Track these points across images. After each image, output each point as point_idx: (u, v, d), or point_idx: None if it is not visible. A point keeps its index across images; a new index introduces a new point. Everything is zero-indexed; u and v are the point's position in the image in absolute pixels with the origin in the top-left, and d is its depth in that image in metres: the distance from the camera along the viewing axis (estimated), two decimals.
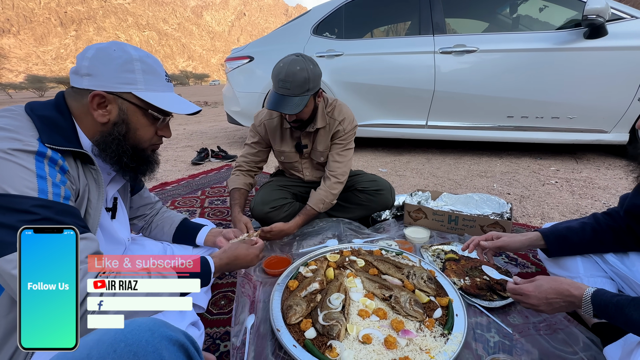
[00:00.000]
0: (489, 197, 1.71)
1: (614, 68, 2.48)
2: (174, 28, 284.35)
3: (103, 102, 0.70)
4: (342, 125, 1.57)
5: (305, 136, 1.59)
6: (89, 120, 0.72)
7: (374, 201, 1.66)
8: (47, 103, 0.71)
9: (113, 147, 0.73)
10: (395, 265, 1.23)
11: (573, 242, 0.99)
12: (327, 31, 3.32)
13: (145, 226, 1.13)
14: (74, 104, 0.71)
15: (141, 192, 1.10)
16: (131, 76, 0.71)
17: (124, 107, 0.72)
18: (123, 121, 0.73)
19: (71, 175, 0.66)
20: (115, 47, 0.71)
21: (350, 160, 1.61)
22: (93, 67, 0.69)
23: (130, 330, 0.39)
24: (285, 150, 1.63)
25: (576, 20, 2.57)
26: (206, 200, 2.20)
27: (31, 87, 33.54)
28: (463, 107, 2.92)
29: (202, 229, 1.14)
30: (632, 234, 0.91)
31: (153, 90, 0.75)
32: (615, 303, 0.67)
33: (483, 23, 3.31)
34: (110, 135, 0.73)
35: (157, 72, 0.76)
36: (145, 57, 0.74)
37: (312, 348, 0.86)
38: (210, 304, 1.14)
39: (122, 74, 0.70)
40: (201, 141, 4.57)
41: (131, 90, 0.72)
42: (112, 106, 0.71)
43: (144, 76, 0.73)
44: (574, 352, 0.88)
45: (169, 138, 0.85)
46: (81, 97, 0.70)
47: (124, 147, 0.75)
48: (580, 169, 2.68)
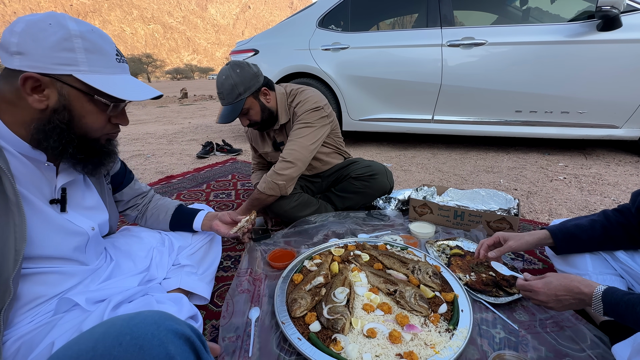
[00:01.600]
0: (495, 192, 1.69)
1: (627, 61, 2.41)
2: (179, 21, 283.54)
3: (38, 85, 0.60)
4: (296, 109, 1.53)
5: (277, 134, 1.65)
6: (23, 106, 0.62)
7: (370, 187, 1.65)
8: None
9: (54, 136, 0.64)
10: (400, 260, 1.22)
11: (582, 240, 0.97)
12: (333, 24, 3.27)
13: (140, 215, 1.12)
14: (6, 87, 0.61)
15: (131, 184, 1.08)
16: (70, 55, 0.61)
17: (64, 91, 0.63)
18: (64, 107, 0.63)
19: None
20: (50, 20, 0.61)
21: (304, 139, 1.46)
22: (23, 43, 0.58)
23: (136, 324, 0.39)
24: (267, 151, 1.71)
25: (589, 12, 2.50)
26: (211, 193, 2.21)
27: None
28: (470, 101, 2.88)
29: (198, 214, 1.13)
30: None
31: (98, 72, 0.65)
32: (627, 301, 0.66)
33: (492, 15, 3.24)
34: (50, 123, 0.63)
35: (103, 51, 0.65)
36: (88, 32, 0.63)
37: (317, 341, 0.86)
38: (215, 296, 1.15)
39: (59, 52, 0.60)
40: (206, 135, 4.58)
41: (71, 73, 0.62)
42: (50, 90, 0.62)
43: (87, 55, 0.63)
44: (581, 349, 0.87)
45: (125, 126, 0.75)
46: (11, 79, 0.60)
47: (68, 137, 0.66)
48: (590, 164, 2.63)
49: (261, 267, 1.26)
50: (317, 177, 1.78)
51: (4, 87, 0.62)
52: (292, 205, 1.58)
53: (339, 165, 1.76)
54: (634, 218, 0.91)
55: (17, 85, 0.60)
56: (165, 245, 1.08)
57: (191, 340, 0.42)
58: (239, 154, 3.38)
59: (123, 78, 0.69)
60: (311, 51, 3.20)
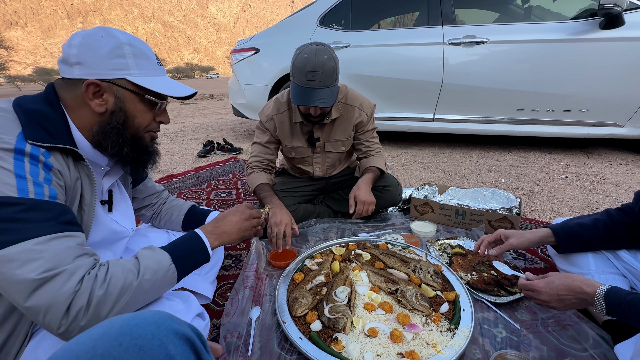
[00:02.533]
0: (497, 191, 1.68)
1: (630, 60, 2.39)
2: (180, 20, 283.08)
3: (98, 90, 0.67)
4: (364, 111, 1.55)
5: (318, 129, 1.52)
6: (85, 112, 0.69)
7: (381, 197, 1.63)
8: (36, 96, 0.68)
9: (113, 137, 0.71)
10: (402, 259, 1.22)
11: (585, 239, 0.97)
12: (334, 22, 3.26)
13: (155, 215, 1.13)
14: (67, 95, 0.68)
15: (145, 182, 1.09)
16: (122, 61, 0.68)
17: (120, 94, 0.70)
18: (120, 109, 0.70)
19: (58, 171, 0.63)
20: (102, 32, 0.69)
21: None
22: (82, 54, 0.66)
23: (136, 324, 0.39)
24: (297, 145, 1.56)
25: (592, 10, 2.49)
26: (212, 192, 2.21)
27: (39, 79, 33.82)
28: (472, 100, 2.87)
29: (210, 214, 1.12)
30: None
31: (146, 75, 0.72)
32: (630, 301, 0.66)
33: (493, 14, 3.23)
34: (109, 124, 0.70)
35: (147, 56, 0.73)
36: (133, 40, 0.71)
37: (318, 340, 0.86)
38: (217, 295, 1.15)
39: (113, 59, 0.67)
40: (207, 134, 4.58)
41: (125, 76, 0.69)
42: (108, 94, 0.69)
43: (135, 60, 0.70)
44: (583, 349, 0.87)
45: (167, 124, 0.82)
46: (73, 87, 0.68)
47: (124, 137, 0.72)
48: (592, 163, 2.62)
49: (262, 267, 1.26)
50: (321, 179, 1.73)
51: (66, 96, 0.68)
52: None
53: (350, 169, 1.75)
54: (637, 218, 0.91)
55: (77, 93, 0.67)
56: None
57: (191, 340, 0.42)
58: (239, 153, 3.38)
59: (164, 79, 0.76)
60: None
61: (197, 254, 0.77)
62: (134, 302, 0.63)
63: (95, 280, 0.58)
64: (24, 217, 0.54)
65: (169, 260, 0.69)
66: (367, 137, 1.61)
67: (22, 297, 0.52)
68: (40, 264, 0.53)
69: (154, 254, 0.69)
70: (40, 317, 0.53)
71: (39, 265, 0.53)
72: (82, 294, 0.56)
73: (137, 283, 0.62)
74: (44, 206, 0.57)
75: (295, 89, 1.30)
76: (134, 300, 0.63)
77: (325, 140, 1.57)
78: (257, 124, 1.59)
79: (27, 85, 39.32)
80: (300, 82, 1.27)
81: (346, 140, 1.59)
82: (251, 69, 3.55)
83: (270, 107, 1.54)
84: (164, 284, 0.68)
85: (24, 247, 0.52)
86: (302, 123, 1.51)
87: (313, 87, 1.26)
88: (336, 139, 1.57)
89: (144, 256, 0.67)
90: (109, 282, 0.59)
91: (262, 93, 3.43)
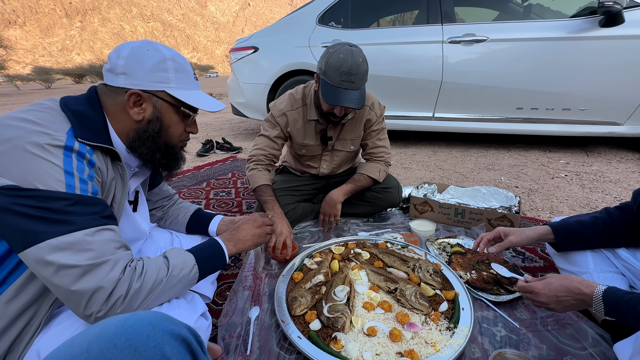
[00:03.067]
0: (496, 190, 1.68)
1: (629, 58, 2.39)
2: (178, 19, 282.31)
3: (139, 100, 0.72)
4: (374, 111, 1.55)
5: (331, 127, 1.51)
6: (123, 118, 0.73)
7: (381, 199, 1.63)
8: (79, 98, 0.72)
9: (148, 144, 0.76)
10: (401, 258, 1.22)
11: (584, 236, 0.97)
12: (333, 20, 3.25)
13: (162, 216, 1.15)
14: (108, 101, 0.73)
15: (160, 185, 1.12)
16: (165, 75, 0.73)
17: (158, 105, 0.75)
18: (157, 119, 0.75)
19: (99, 169, 0.68)
20: (148, 46, 0.73)
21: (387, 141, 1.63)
22: (129, 66, 0.70)
23: (132, 325, 0.39)
24: (309, 143, 1.54)
25: (591, 8, 2.48)
26: (211, 192, 2.20)
27: (38, 78, 33.68)
28: (471, 98, 2.86)
29: (214, 218, 1.13)
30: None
31: (184, 88, 0.77)
32: (627, 301, 0.66)
33: (493, 12, 3.22)
34: (146, 132, 0.75)
35: (187, 71, 0.78)
36: (176, 56, 0.76)
37: (317, 340, 0.86)
38: (215, 295, 1.15)
39: (157, 73, 0.72)
40: (206, 133, 4.57)
41: (165, 89, 0.74)
42: (147, 104, 0.74)
43: (176, 75, 0.75)
44: (582, 347, 0.87)
45: (196, 134, 0.88)
46: (116, 94, 0.72)
47: (157, 144, 0.78)
48: (591, 162, 2.62)
49: (261, 266, 1.26)
50: (322, 178, 1.72)
51: (108, 102, 0.73)
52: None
53: (352, 169, 1.73)
54: (635, 216, 0.90)
55: (119, 100, 0.72)
56: (174, 246, 1.09)
57: (188, 341, 0.42)
58: (239, 152, 3.37)
59: (199, 93, 0.82)
60: (311, 48, 3.19)
61: (216, 259, 0.83)
62: (162, 296, 0.68)
63: (134, 272, 0.64)
64: (72, 211, 0.59)
65: (193, 261, 0.75)
66: (374, 137, 1.59)
67: (71, 280, 0.56)
68: (89, 252, 0.58)
69: (181, 254, 0.74)
70: (84, 301, 0.58)
71: (89, 253, 0.58)
72: (123, 283, 0.61)
73: (167, 279, 0.68)
74: (88, 201, 0.62)
75: (327, 88, 1.28)
76: (162, 294, 0.68)
77: (336, 139, 1.57)
78: (267, 117, 1.56)
79: (26, 85, 39.21)
80: (333, 81, 1.25)
81: (356, 140, 1.59)
82: (250, 68, 3.54)
83: (284, 102, 1.52)
84: (187, 283, 0.73)
85: (76, 237, 0.58)
86: (316, 121, 1.49)
87: (346, 88, 1.25)
88: (346, 138, 1.57)
89: (172, 255, 0.73)
90: (145, 276, 0.65)
91: (261, 92, 3.42)
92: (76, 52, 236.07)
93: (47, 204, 0.56)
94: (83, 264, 0.57)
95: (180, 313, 0.72)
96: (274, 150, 1.54)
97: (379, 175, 1.56)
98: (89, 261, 0.58)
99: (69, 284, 0.56)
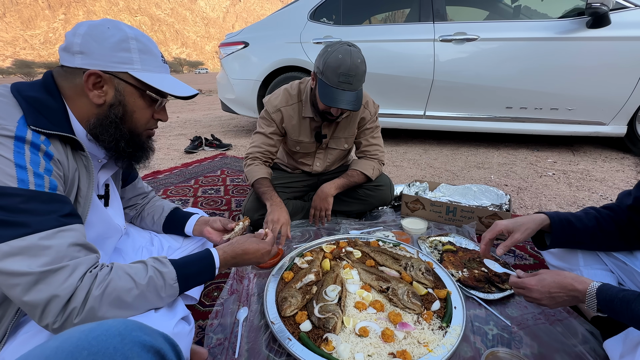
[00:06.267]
0: (487, 188, 1.69)
1: (615, 59, 2.44)
2: (167, 13, 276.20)
3: (99, 81, 0.66)
4: (368, 109, 1.53)
5: (326, 126, 1.49)
6: (83, 102, 0.67)
7: (373, 196, 1.61)
8: (34, 83, 0.66)
9: (110, 130, 0.70)
10: (393, 256, 1.20)
11: (577, 228, 0.93)
12: (325, 17, 3.22)
13: (136, 215, 1.08)
14: (65, 84, 0.66)
15: (135, 182, 1.06)
16: (127, 55, 0.67)
17: (121, 87, 0.68)
18: (120, 103, 0.69)
19: (57, 161, 0.62)
20: (109, 24, 0.67)
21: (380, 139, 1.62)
22: (86, 44, 0.64)
23: (97, 336, 0.35)
24: (303, 140, 1.51)
25: (579, 9, 2.52)
26: (199, 189, 2.15)
27: (19, 72, 32.50)
28: (462, 97, 2.88)
29: (190, 218, 1.07)
30: (634, 228, 0.88)
31: (149, 71, 0.71)
32: (622, 298, 0.65)
33: (483, 12, 3.24)
34: (107, 118, 0.69)
35: (153, 52, 0.72)
36: (140, 36, 0.70)
37: (308, 341, 0.84)
38: (202, 296, 1.11)
39: (118, 52, 0.66)
40: (195, 129, 4.48)
41: (127, 70, 0.68)
42: (108, 86, 0.67)
43: (140, 56, 0.69)
44: (572, 344, 0.87)
45: (165, 122, 0.81)
46: (73, 76, 0.66)
47: (121, 131, 0.71)
48: (577, 161, 2.67)
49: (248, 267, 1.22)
50: (314, 176, 1.69)
51: (65, 85, 0.66)
52: None
53: (344, 167, 1.71)
54: (624, 214, 0.91)
55: (76, 82, 0.66)
56: (154, 245, 1.05)
57: (162, 353, 0.38)
58: (228, 149, 3.31)
59: (167, 77, 0.75)
60: (302, 44, 3.15)
61: (203, 275, 0.75)
62: (132, 307, 0.61)
63: (95, 278, 0.57)
64: (26, 209, 0.53)
65: (174, 279, 0.67)
66: (368, 135, 1.58)
67: (22, 290, 0.51)
68: (44, 258, 0.52)
69: (161, 267, 0.67)
70: (38, 312, 0.52)
71: (43, 259, 0.52)
72: (80, 291, 0.55)
73: (139, 291, 0.61)
74: (45, 198, 0.56)
75: (325, 88, 1.25)
76: (132, 306, 0.61)
77: (330, 137, 1.55)
78: (262, 114, 1.51)
79: (6, 78, 37.79)
80: (331, 82, 1.23)
81: (349, 138, 1.57)
82: (240, 63, 3.48)
83: (278, 98, 1.47)
84: (164, 297, 0.67)
85: (29, 241, 0.52)
86: (311, 119, 1.47)
87: (343, 89, 1.23)
88: (340, 136, 1.55)
89: (150, 266, 0.66)
90: (108, 284, 0.58)
91: (251, 88, 3.36)
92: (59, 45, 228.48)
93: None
94: (36, 270, 0.51)
95: (158, 317, 0.66)
96: (271, 147, 1.50)
97: (372, 173, 1.55)
98: (43, 267, 0.52)
99: (20, 295, 0.51)
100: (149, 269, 0.65)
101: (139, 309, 0.64)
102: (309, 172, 1.66)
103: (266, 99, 1.51)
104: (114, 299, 0.58)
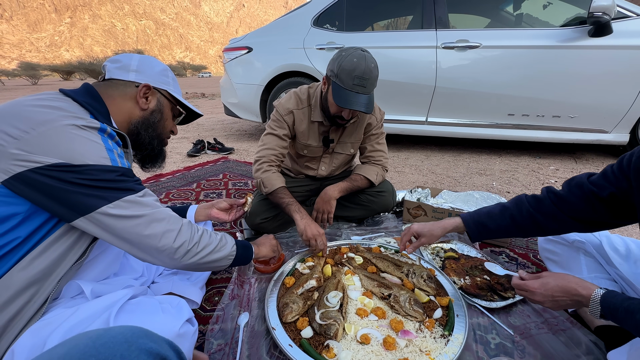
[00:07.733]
0: (489, 195, 1.68)
1: (617, 67, 2.45)
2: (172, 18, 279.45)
3: (148, 92, 0.87)
4: (375, 115, 1.55)
5: (333, 130, 1.51)
6: (127, 106, 0.85)
7: (375, 202, 1.61)
8: (77, 91, 0.79)
9: (150, 131, 0.90)
10: (395, 263, 1.20)
11: (490, 229, 1.00)
12: (328, 23, 3.25)
13: None
14: (114, 92, 0.83)
15: None
16: (167, 79, 0.93)
17: (161, 99, 0.92)
18: (159, 110, 0.91)
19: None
20: (153, 58, 0.93)
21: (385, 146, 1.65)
22: (142, 66, 0.88)
23: (104, 343, 0.35)
24: (311, 144, 1.52)
25: (581, 18, 2.54)
26: (201, 192, 2.15)
27: (24, 74, 32.68)
28: (464, 103, 2.89)
29: (189, 208, 1.19)
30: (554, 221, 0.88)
31: (177, 93, 0.96)
32: (626, 307, 0.65)
33: (485, 19, 3.26)
34: (149, 120, 0.89)
35: (177, 82, 0.98)
36: (170, 70, 0.96)
37: (309, 348, 0.83)
38: (204, 300, 1.11)
39: (162, 77, 0.91)
40: (197, 133, 4.50)
41: (167, 89, 0.92)
42: (152, 97, 0.89)
43: (173, 82, 0.95)
44: (576, 355, 0.86)
45: (175, 135, 1.04)
46: (125, 87, 0.85)
47: (157, 132, 0.92)
48: (580, 168, 2.67)
49: (251, 270, 1.22)
50: (317, 180, 1.69)
51: (111, 92, 0.83)
52: (274, 225, 1.52)
53: (347, 172, 1.71)
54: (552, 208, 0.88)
55: (127, 91, 0.85)
56: None
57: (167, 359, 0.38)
58: (230, 153, 3.32)
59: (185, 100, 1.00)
60: (306, 50, 3.17)
61: (247, 252, 1.00)
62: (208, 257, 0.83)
63: (190, 224, 0.81)
64: (122, 179, 0.70)
65: (232, 242, 0.92)
66: (373, 141, 1.59)
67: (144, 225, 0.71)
68: (148, 208, 0.73)
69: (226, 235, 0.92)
70: (157, 241, 0.72)
71: (148, 209, 0.72)
72: (186, 228, 0.78)
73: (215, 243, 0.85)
74: (129, 173, 0.74)
75: (339, 91, 1.27)
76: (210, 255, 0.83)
77: (337, 142, 1.56)
78: (273, 116, 1.49)
79: (11, 80, 38.13)
80: (345, 84, 1.25)
81: (355, 143, 1.58)
82: (244, 68, 3.50)
83: (290, 101, 1.48)
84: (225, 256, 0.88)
85: (134, 197, 0.71)
86: (320, 123, 1.48)
87: (357, 92, 1.25)
88: (347, 141, 1.56)
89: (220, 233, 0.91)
90: (202, 235, 0.83)
91: (254, 92, 3.39)
92: (65, 48, 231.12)
93: (101, 175, 0.66)
94: (148, 213, 0.71)
95: (166, 318, 0.70)
96: (283, 149, 1.48)
97: (376, 178, 1.55)
98: (152, 210, 0.72)
99: (142, 230, 0.70)
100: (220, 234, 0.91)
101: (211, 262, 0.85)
102: (314, 176, 1.66)
103: (277, 101, 1.52)
104: (206, 244, 0.82)
